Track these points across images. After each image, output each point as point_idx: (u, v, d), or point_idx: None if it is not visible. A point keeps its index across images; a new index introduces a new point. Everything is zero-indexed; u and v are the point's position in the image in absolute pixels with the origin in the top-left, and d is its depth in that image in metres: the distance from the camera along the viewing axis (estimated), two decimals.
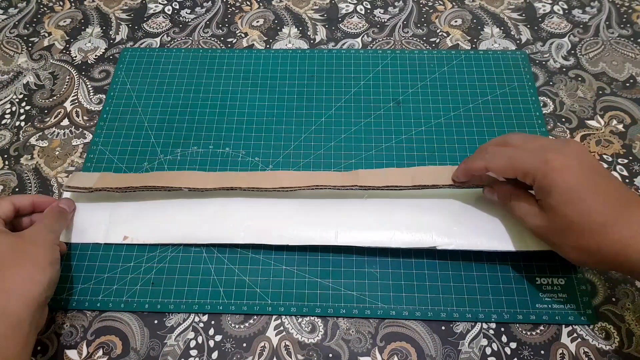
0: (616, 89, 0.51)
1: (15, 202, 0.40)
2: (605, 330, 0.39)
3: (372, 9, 0.59)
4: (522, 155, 0.35)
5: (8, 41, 0.58)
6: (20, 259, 0.35)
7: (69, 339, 0.39)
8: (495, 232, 0.40)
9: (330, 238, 0.41)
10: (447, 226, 0.41)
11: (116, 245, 0.43)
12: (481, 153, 0.38)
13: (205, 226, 0.43)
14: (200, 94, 0.52)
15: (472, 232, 0.41)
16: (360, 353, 0.38)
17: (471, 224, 0.41)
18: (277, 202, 0.43)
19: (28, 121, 0.51)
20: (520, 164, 0.35)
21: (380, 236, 0.41)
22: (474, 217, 0.41)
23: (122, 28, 0.59)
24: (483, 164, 0.37)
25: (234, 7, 0.60)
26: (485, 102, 0.50)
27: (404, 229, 0.41)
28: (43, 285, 0.35)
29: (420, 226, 0.41)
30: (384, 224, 0.42)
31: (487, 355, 0.38)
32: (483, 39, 0.56)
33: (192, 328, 0.40)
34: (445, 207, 0.42)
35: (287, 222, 0.42)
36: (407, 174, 0.42)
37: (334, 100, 0.51)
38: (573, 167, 0.33)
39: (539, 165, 0.34)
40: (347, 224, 0.42)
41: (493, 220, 0.41)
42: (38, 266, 0.35)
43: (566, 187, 0.33)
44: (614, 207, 0.32)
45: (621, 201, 0.33)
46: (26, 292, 0.34)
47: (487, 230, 0.41)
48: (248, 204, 0.43)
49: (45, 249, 0.37)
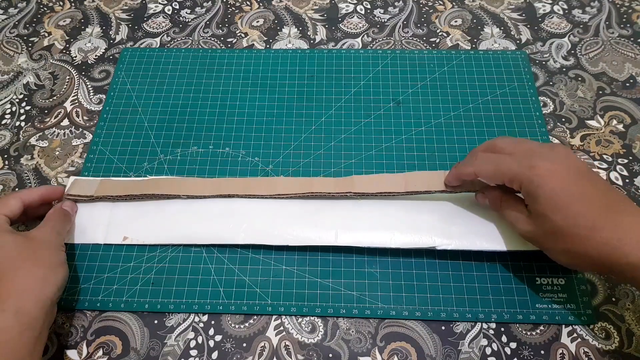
0: (616, 89, 0.51)
1: (25, 199, 0.40)
2: (605, 330, 0.39)
3: (372, 9, 0.59)
4: (508, 161, 0.35)
5: (8, 41, 0.58)
6: (31, 260, 0.36)
7: (69, 339, 0.39)
8: (492, 232, 0.41)
9: (330, 239, 0.41)
10: (446, 226, 0.41)
11: (116, 245, 0.43)
12: (471, 158, 0.38)
13: (205, 227, 0.43)
14: (200, 94, 0.52)
15: (470, 233, 0.41)
16: (360, 353, 0.38)
17: (469, 224, 0.41)
18: (277, 203, 0.43)
19: (28, 121, 0.51)
20: (507, 171, 0.35)
21: (380, 236, 0.41)
22: (471, 218, 0.42)
23: (122, 28, 0.59)
24: (472, 169, 0.37)
25: (234, 7, 0.60)
26: (485, 102, 0.50)
27: (404, 228, 0.41)
28: (56, 285, 0.35)
29: (420, 226, 0.41)
30: (383, 224, 0.42)
31: (487, 355, 0.38)
32: (483, 39, 0.56)
33: (192, 328, 0.40)
34: (444, 209, 0.42)
35: (286, 222, 0.42)
36: (401, 180, 0.42)
37: (334, 100, 0.51)
38: (559, 173, 0.33)
39: (525, 172, 0.34)
40: (346, 225, 0.42)
41: (489, 221, 0.41)
42: (50, 267, 0.36)
43: (552, 193, 0.33)
44: (601, 211, 0.32)
45: (608, 205, 0.33)
46: (39, 293, 0.34)
47: (485, 231, 0.41)
48: (247, 205, 0.43)
49: (54, 250, 0.38)
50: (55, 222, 0.40)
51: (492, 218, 0.41)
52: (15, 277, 0.34)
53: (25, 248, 0.36)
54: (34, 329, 0.33)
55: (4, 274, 0.34)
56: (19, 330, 0.32)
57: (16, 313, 0.33)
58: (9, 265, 0.35)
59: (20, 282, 0.34)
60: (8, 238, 0.36)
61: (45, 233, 0.39)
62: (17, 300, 0.33)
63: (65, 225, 0.41)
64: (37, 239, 0.38)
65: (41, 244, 0.37)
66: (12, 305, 0.33)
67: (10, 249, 0.36)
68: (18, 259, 0.35)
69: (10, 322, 0.32)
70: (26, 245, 0.36)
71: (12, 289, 0.34)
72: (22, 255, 0.36)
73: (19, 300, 0.33)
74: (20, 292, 0.34)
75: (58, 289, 0.36)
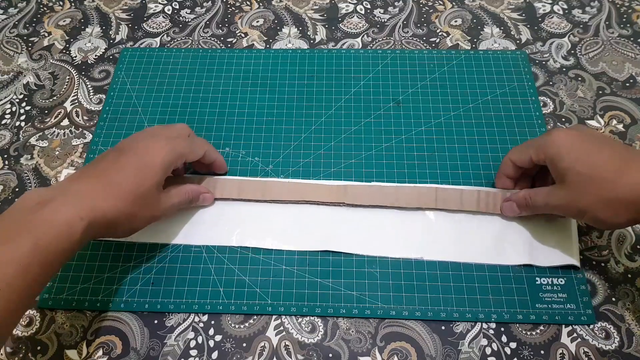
0: (616, 88, 0.51)
1: (207, 156, 0.43)
2: (605, 330, 0.39)
3: (372, 9, 0.59)
4: (532, 139, 0.40)
5: (8, 41, 0.58)
6: (140, 202, 0.36)
7: (69, 339, 0.39)
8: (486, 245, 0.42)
9: (320, 244, 0.42)
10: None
11: (116, 245, 0.43)
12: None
13: (201, 229, 0.43)
14: (200, 94, 0.52)
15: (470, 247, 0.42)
16: (360, 353, 0.38)
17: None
18: (269, 209, 0.44)
19: (28, 121, 0.51)
20: (531, 143, 0.39)
21: (369, 247, 0.42)
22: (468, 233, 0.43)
23: (122, 28, 0.59)
24: (507, 158, 0.41)
25: (234, 7, 0.60)
26: (485, 102, 0.50)
27: (392, 242, 0.42)
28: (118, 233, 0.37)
29: (407, 242, 0.42)
30: (373, 234, 0.43)
31: (487, 355, 0.38)
32: (483, 38, 0.56)
33: (192, 328, 0.40)
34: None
35: (279, 228, 0.43)
36: (392, 194, 0.44)
37: (334, 100, 0.51)
38: (574, 133, 0.37)
39: (546, 138, 0.38)
40: (336, 234, 0.43)
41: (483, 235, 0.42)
42: (142, 218, 0.37)
43: (572, 147, 0.36)
44: (622, 157, 0.35)
45: (629, 155, 0.35)
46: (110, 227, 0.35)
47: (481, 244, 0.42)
48: (242, 209, 0.44)
49: (156, 213, 0.38)
50: (185, 201, 0.41)
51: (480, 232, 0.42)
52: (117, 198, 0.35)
53: (150, 196, 0.37)
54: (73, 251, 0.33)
55: (113, 183, 0.35)
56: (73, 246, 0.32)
57: (87, 227, 0.33)
58: (125, 181, 0.35)
59: (111, 204, 0.34)
60: (159, 179, 0.37)
61: (173, 200, 0.40)
62: (94, 219, 0.33)
63: (185, 206, 0.42)
64: (162, 198, 0.39)
65: (157, 203, 0.38)
66: (87, 217, 0.33)
67: (150, 186, 0.36)
68: (137, 189, 0.36)
69: (79, 236, 0.32)
70: (151, 196, 0.37)
71: (104, 205, 0.34)
72: (144, 193, 0.36)
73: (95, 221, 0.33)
74: (102, 213, 0.34)
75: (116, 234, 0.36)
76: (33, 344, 0.39)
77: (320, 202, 0.44)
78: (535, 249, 0.41)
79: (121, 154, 0.37)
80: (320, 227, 0.43)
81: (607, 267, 0.42)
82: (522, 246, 0.41)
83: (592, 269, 0.41)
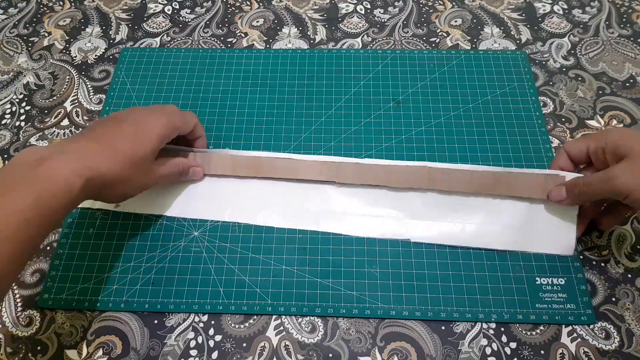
0: (616, 88, 0.51)
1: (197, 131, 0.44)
2: (605, 330, 0.39)
3: (372, 9, 0.59)
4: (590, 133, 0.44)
5: (8, 41, 0.58)
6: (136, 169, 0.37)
7: (69, 339, 0.39)
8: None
9: (311, 224, 0.43)
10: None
11: (116, 245, 0.43)
12: None
13: (194, 203, 0.44)
14: (200, 94, 0.52)
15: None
16: (360, 353, 0.38)
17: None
18: (262, 185, 0.45)
19: (28, 121, 0.51)
20: (588, 135, 0.42)
21: (362, 226, 0.43)
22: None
23: (122, 28, 0.59)
24: (562, 148, 0.42)
25: (234, 7, 0.60)
26: (485, 102, 0.50)
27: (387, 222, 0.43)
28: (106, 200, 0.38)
29: (400, 223, 0.43)
30: (365, 213, 0.43)
31: (487, 355, 0.38)
32: (483, 38, 0.56)
33: (192, 328, 0.40)
34: None
35: (271, 204, 0.44)
36: (383, 174, 0.44)
37: (334, 100, 0.51)
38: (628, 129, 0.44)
39: (604, 129, 0.44)
40: (328, 212, 0.43)
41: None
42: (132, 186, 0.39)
43: (633, 132, 0.39)
44: None
45: None
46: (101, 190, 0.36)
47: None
48: (235, 185, 0.45)
49: (146, 182, 0.40)
50: (175, 173, 0.42)
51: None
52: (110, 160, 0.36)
53: (144, 162, 0.38)
54: (71, 207, 0.34)
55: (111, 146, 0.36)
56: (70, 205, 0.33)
57: (84, 185, 0.33)
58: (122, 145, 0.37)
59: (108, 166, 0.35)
60: (155, 147, 0.39)
61: (164, 170, 0.41)
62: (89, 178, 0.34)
63: (176, 178, 0.43)
64: (154, 167, 0.40)
65: (150, 171, 0.39)
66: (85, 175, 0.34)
67: (145, 153, 0.38)
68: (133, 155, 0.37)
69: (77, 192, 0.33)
70: (146, 163, 0.38)
71: (102, 165, 0.35)
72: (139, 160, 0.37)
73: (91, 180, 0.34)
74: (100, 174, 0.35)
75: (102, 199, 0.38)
76: (33, 344, 0.39)
77: (311, 180, 0.44)
78: (531, 235, 0.42)
79: (121, 122, 0.38)
80: (313, 206, 0.44)
81: (607, 267, 0.42)
82: (516, 233, 0.42)
83: (592, 269, 0.41)
